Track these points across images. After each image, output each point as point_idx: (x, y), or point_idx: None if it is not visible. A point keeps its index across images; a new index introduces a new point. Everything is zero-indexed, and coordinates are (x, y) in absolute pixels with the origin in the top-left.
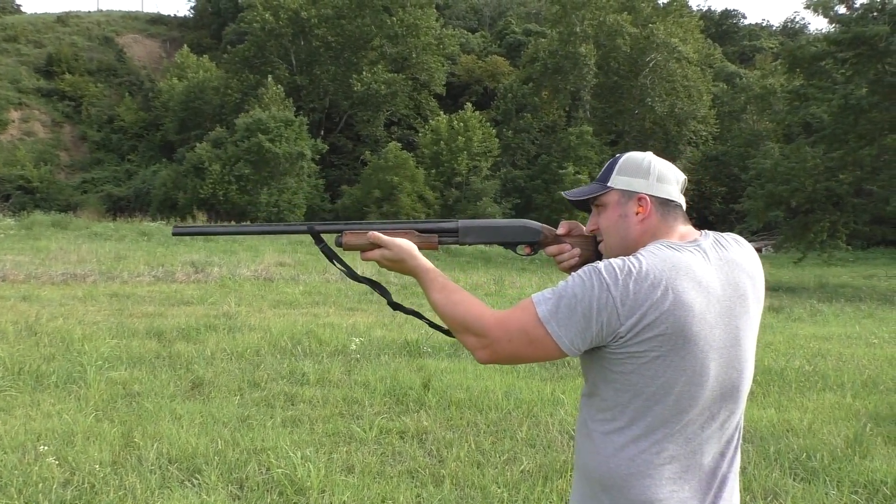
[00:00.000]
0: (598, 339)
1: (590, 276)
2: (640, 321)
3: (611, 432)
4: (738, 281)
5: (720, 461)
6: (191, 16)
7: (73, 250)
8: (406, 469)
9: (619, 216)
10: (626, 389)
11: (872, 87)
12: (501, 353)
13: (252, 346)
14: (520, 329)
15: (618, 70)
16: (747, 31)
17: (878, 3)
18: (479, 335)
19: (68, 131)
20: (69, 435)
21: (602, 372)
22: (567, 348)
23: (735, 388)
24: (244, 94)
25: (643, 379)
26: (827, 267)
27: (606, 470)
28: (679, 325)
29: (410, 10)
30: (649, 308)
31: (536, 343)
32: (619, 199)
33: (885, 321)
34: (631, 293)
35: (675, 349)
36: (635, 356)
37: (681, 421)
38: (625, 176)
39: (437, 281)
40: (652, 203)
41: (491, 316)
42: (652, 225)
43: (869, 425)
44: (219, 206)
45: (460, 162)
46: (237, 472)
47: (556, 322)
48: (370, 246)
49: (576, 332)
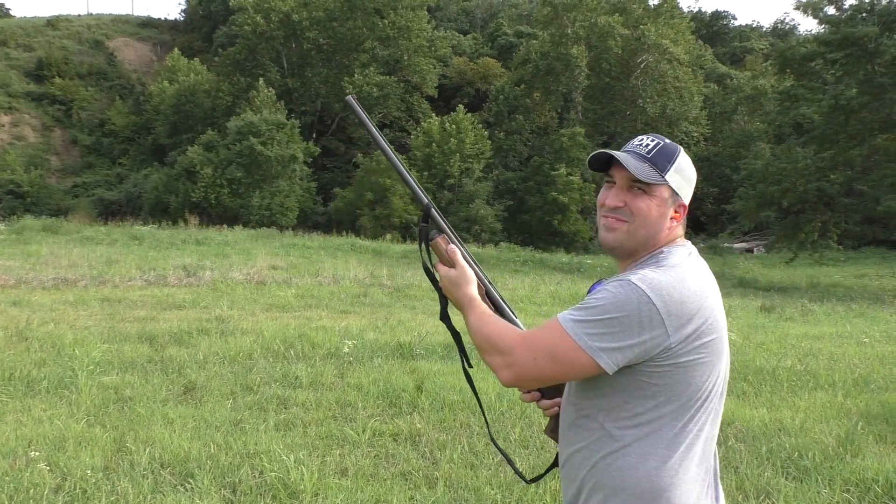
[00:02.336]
0: (642, 356)
1: (627, 290)
2: (690, 331)
3: (657, 444)
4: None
5: (715, 459)
6: (181, 19)
7: (64, 255)
8: (399, 471)
9: (660, 214)
10: (668, 400)
11: (862, 87)
12: (526, 373)
13: (244, 350)
14: (546, 347)
15: (609, 71)
16: (738, 33)
17: (867, 4)
18: (504, 354)
19: (59, 135)
20: (60, 440)
21: (639, 388)
22: (606, 363)
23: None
24: (235, 97)
25: (687, 387)
26: (818, 267)
27: (649, 482)
28: (719, 329)
29: (402, 12)
30: (696, 317)
31: (565, 361)
32: (668, 196)
33: (875, 320)
34: (676, 303)
35: (717, 353)
36: (683, 366)
37: (708, 421)
38: (679, 176)
39: (479, 309)
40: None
41: (518, 335)
42: (676, 233)
43: (860, 424)
44: (210, 209)
45: (452, 164)
46: (230, 476)
47: (590, 337)
48: (447, 260)
49: (616, 347)
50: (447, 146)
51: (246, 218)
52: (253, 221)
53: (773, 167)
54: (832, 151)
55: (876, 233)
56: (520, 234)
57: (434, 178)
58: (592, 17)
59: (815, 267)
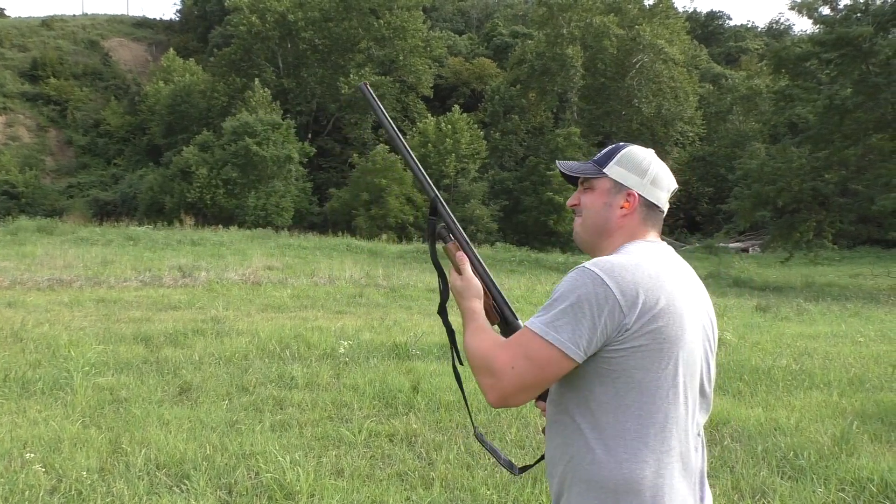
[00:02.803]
0: (603, 337)
1: (582, 275)
2: (644, 311)
3: (621, 435)
4: (696, 281)
5: (699, 457)
6: (177, 19)
7: (59, 255)
8: (395, 472)
9: (604, 203)
10: (629, 388)
11: (857, 87)
12: (508, 386)
13: (240, 351)
14: (520, 353)
15: (605, 71)
16: (733, 33)
17: (861, 4)
18: (489, 370)
19: (54, 136)
20: (56, 442)
21: (598, 376)
22: (574, 353)
23: (707, 382)
24: (231, 97)
25: (646, 374)
26: (813, 266)
27: (621, 475)
28: (676, 316)
29: (397, 12)
30: (650, 298)
31: (540, 361)
32: (610, 187)
33: (870, 319)
34: (630, 283)
35: (674, 341)
36: (639, 350)
37: (681, 414)
38: (622, 168)
39: (476, 323)
40: (639, 202)
41: (499, 347)
42: (631, 223)
43: (855, 423)
44: (206, 209)
45: (448, 164)
46: (226, 477)
47: (556, 330)
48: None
49: (580, 333)
50: (443, 146)
51: (241, 218)
52: (248, 222)
53: (769, 167)
54: (827, 151)
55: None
56: (516, 234)
57: (430, 178)
58: (588, 18)
59: (810, 266)
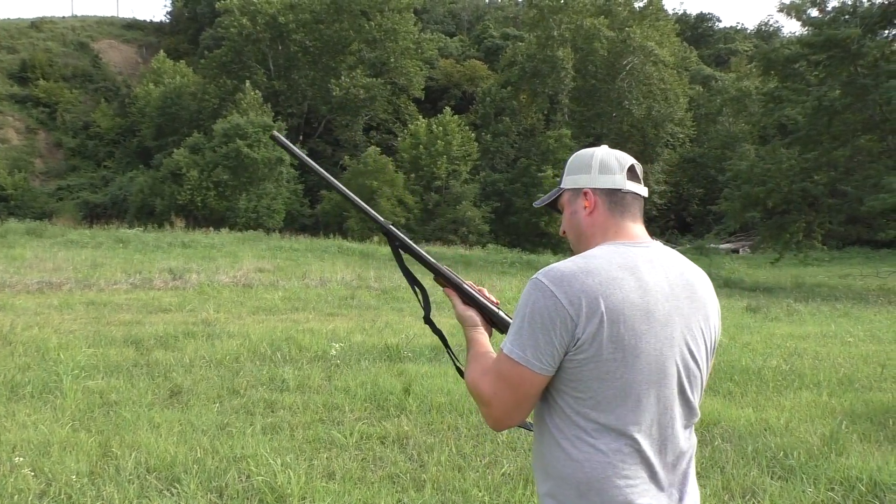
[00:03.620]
0: (561, 349)
1: (533, 289)
2: (590, 319)
3: (580, 438)
4: (688, 281)
5: (681, 463)
6: (167, 21)
7: (49, 258)
8: (387, 474)
9: (571, 213)
10: (587, 396)
11: (845, 88)
12: (497, 412)
13: (231, 353)
14: (498, 375)
15: (595, 73)
16: (722, 35)
17: (849, 6)
18: (482, 402)
19: (43, 138)
20: (45, 445)
21: (563, 380)
22: (539, 368)
23: (690, 387)
24: (222, 99)
25: (602, 382)
26: (803, 267)
27: (583, 475)
28: (627, 324)
29: (388, 14)
30: (596, 307)
31: (513, 381)
32: (569, 197)
33: (860, 320)
34: (576, 292)
35: (627, 349)
36: (591, 360)
37: (645, 420)
38: (572, 175)
39: (478, 354)
40: (596, 195)
41: (481, 377)
42: (600, 219)
43: (845, 423)
44: (197, 212)
45: (440, 166)
46: (217, 480)
47: (520, 347)
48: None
49: (541, 348)
50: (434, 148)
51: (232, 220)
52: (239, 224)
53: (758, 168)
54: (816, 152)
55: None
56: (507, 236)
57: (421, 180)
58: (578, 20)
59: (799, 267)
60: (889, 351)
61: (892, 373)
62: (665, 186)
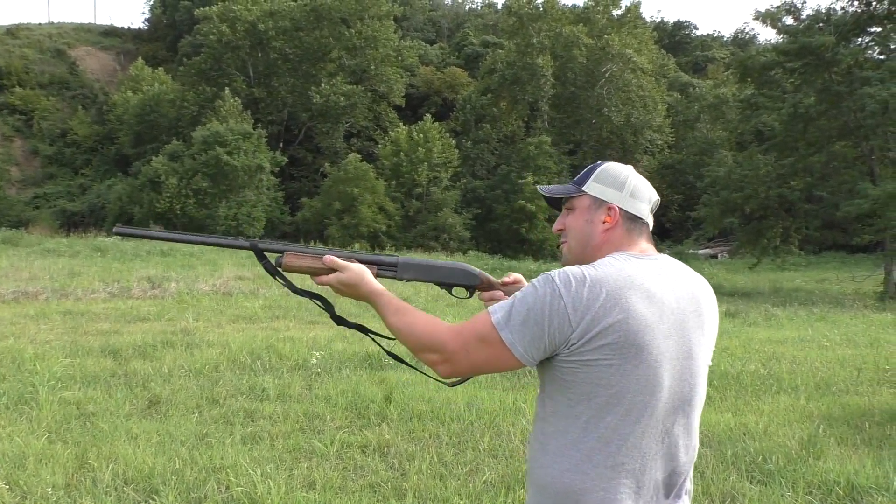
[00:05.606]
0: (551, 347)
1: (543, 284)
2: (591, 328)
3: (566, 445)
4: (693, 298)
5: (675, 479)
6: (145, 28)
7: (25, 267)
8: (368, 483)
9: (585, 221)
10: (579, 400)
11: (820, 95)
12: (460, 366)
13: (211, 362)
14: (477, 339)
15: (574, 80)
16: (699, 42)
17: (823, 14)
18: (438, 350)
19: (19, 146)
20: (20, 458)
21: (555, 383)
22: (521, 356)
23: (687, 402)
24: (201, 106)
25: (595, 388)
26: (781, 272)
27: (562, 485)
28: (630, 334)
29: (369, 22)
30: (601, 315)
31: (493, 353)
32: (589, 204)
33: (836, 324)
34: (584, 299)
35: (627, 358)
36: (587, 364)
37: (635, 433)
38: (600, 184)
39: (391, 304)
40: (620, 215)
41: (448, 329)
42: (616, 237)
43: (822, 427)
44: (176, 220)
45: (420, 173)
46: (195, 491)
47: (510, 330)
48: (321, 269)
49: (529, 339)
50: (415, 155)
51: (212, 228)
52: (219, 232)
53: (736, 174)
54: (792, 158)
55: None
56: (488, 242)
57: (402, 187)
58: (557, 27)
59: (777, 272)
60: (865, 355)
61: (868, 376)
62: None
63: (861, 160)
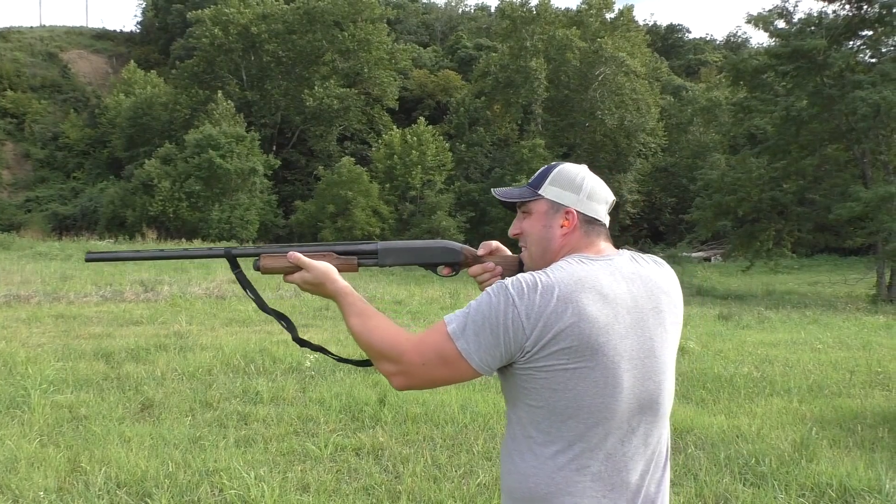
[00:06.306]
0: (507, 356)
1: (497, 293)
2: (544, 333)
3: (530, 450)
4: (651, 294)
5: (645, 479)
6: (137, 31)
7: (17, 271)
8: (362, 486)
9: (543, 226)
10: (539, 406)
11: (812, 98)
12: (416, 378)
13: (204, 366)
14: (433, 350)
15: (568, 84)
16: (692, 45)
17: (815, 18)
18: (395, 361)
19: (10, 149)
20: (12, 461)
21: (515, 390)
22: (477, 365)
23: (654, 401)
24: (194, 109)
25: (554, 393)
26: (774, 274)
27: (527, 489)
28: (584, 336)
29: (362, 25)
30: (553, 320)
31: (449, 363)
32: (547, 209)
33: (829, 326)
34: (536, 306)
35: (582, 361)
36: (543, 370)
37: (597, 435)
38: (556, 187)
39: (355, 306)
40: (578, 219)
41: (406, 340)
42: (573, 240)
43: (815, 429)
44: (169, 223)
45: (414, 176)
46: (189, 494)
47: (465, 339)
48: (292, 268)
49: (485, 348)
50: (409, 158)
51: (205, 231)
52: (212, 235)
53: (729, 177)
54: (785, 161)
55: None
56: None
57: (396, 190)
58: (550, 31)
59: (770, 275)
60: (857, 357)
61: (860, 379)
62: (638, 196)
63: (853, 163)
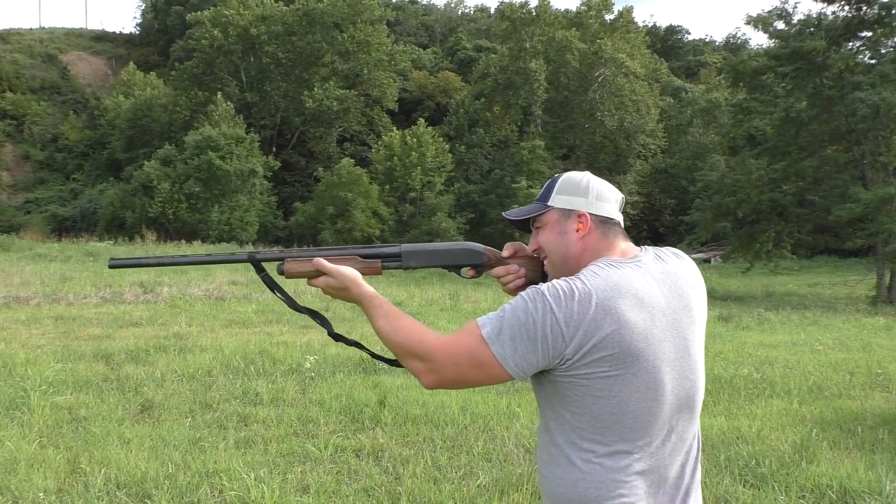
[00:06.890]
0: (544, 362)
1: (533, 298)
2: (584, 342)
3: (577, 456)
4: (681, 292)
5: (683, 473)
6: (137, 33)
7: (16, 272)
8: (362, 487)
9: (558, 234)
10: (583, 412)
11: (811, 100)
12: (447, 377)
13: (204, 367)
14: (465, 352)
15: (568, 85)
16: (692, 47)
17: (814, 19)
18: (425, 360)
19: (10, 150)
20: (12, 463)
21: (555, 398)
22: (513, 370)
23: (690, 399)
24: (193, 111)
25: (597, 401)
26: (773, 276)
27: (576, 494)
28: (625, 343)
29: (361, 26)
30: (594, 329)
31: (482, 366)
32: (558, 217)
33: (828, 328)
34: (575, 314)
35: (624, 368)
36: (585, 378)
37: (643, 438)
38: (564, 195)
39: (381, 308)
40: (591, 220)
41: (436, 340)
42: (592, 242)
43: (815, 430)
44: (168, 225)
45: (414, 177)
46: (188, 495)
47: (501, 344)
48: (316, 273)
49: (521, 354)
50: (408, 159)
51: (205, 233)
52: (212, 237)
53: (728, 178)
54: (784, 163)
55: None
56: None
57: (396, 192)
58: (550, 32)
59: (770, 276)
60: (857, 359)
61: (860, 380)
62: (638, 197)
63: (853, 164)
